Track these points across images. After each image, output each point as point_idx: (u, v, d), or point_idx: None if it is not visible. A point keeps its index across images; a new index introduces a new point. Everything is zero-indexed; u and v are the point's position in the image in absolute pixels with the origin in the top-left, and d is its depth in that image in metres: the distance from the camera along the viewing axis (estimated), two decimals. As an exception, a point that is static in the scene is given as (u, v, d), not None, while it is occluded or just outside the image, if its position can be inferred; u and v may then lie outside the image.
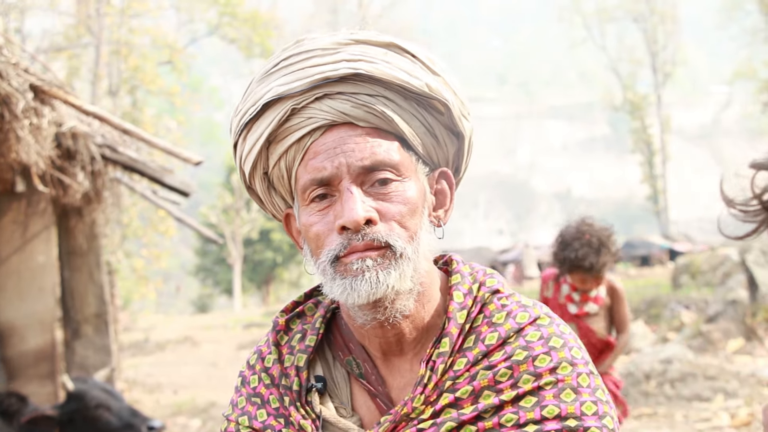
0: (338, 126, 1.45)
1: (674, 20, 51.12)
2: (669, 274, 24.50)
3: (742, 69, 42.45)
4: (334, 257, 1.44)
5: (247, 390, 1.59)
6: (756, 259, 13.80)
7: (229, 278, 40.36)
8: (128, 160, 7.39)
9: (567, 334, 1.49)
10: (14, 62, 5.45)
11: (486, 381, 1.43)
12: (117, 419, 5.26)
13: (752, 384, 9.99)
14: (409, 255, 1.44)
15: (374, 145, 1.45)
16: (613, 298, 5.29)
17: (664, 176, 49.47)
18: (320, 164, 1.44)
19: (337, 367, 1.57)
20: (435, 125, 1.52)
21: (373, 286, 1.41)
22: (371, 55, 1.47)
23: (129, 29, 22.87)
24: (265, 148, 1.50)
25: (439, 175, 1.58)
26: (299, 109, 1.45)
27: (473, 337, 1.48)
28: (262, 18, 29.03)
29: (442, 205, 1.59)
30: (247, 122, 1.50)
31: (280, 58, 1.50)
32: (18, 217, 7.29)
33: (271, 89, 1.47)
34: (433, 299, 1.53)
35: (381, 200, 1.44)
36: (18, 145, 5.64)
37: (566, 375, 1.43)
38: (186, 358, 18.56)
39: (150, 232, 22.08)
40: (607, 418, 1.42)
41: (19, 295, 7.29)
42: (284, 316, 1.63)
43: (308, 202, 1.48)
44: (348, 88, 1.45)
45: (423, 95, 1.48)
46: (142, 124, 20.62)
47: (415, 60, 1.49)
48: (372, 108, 1.45)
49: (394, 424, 1.44)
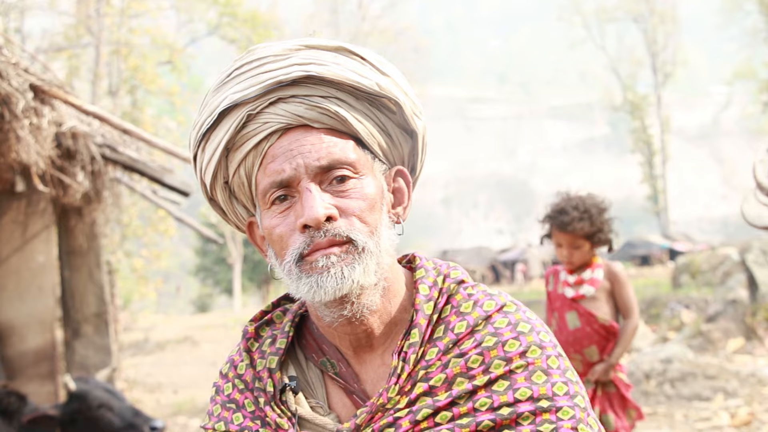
0: (294, 129, 1.49)
1: (674, 20, 51.15)
2: (669, 274, 24.53)
3: (742, 69, 42.49)
4: (299, 256, 1.47)
5: (221, 398, 1.62)
6: (756, 259, 13.80)
7: (229, 278, 40.38)
8: (128, 159, 7.39)
9: (534, 320, 1.54)
10: (14, 62, 5.46)
11: (458, 368, 1.47)
12: (119, 419, 5.26)
13: (752, 383, 9.99)
14: (371, 249, 1.48)
15: (330, 145, 1.49)
16: (613, 281, 5.07)
17: (664, 176, 49.48)
18: (279, 167, 1.48)
19: (310, 368, 1.61)
20: (388, 124, 1.56)
21: (339, 281, 1.45)
22: (321, 59, 1.51)
23: (129, 29, 22.87)
24: (224, 156, 1.53)
25: (395, 173, 1.61)
26: (255, 114, 1.49)
27: (442, 327, 1.52)
28: (262, 18, 29.03)
29: (401, 202, 1.62)
30: (205, 132, 1.53)
31: (234, 68, 1.54)
32: (18, 217, 7.30)
33: (226, 97, 1.50)
34: (399, 294, 1.57)
35: (340, 197, 1.48)
36: (18, 144, 5.65)
37: (536, 358, 1.47)
38: (186, 357, 18.56)
39: (150, 232, 22.08)
40: (578, 397, 1.47)
41: (19, 295, 7.30)
42: (253, 324, 1.66)
43: (269, 205, 1.51)
44: (301, 90, 1.49)
45: (374, 94, 1.52)
46: (142, 124, 20.62)
47: (365, 62, 1.53)
48: (325, 109, 1.49)
49: (371, 415, 1.47)
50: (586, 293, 4.99)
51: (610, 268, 5.06)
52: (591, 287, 4.99)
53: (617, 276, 5.04)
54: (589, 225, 4.88)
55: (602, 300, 5.01)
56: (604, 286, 5.02)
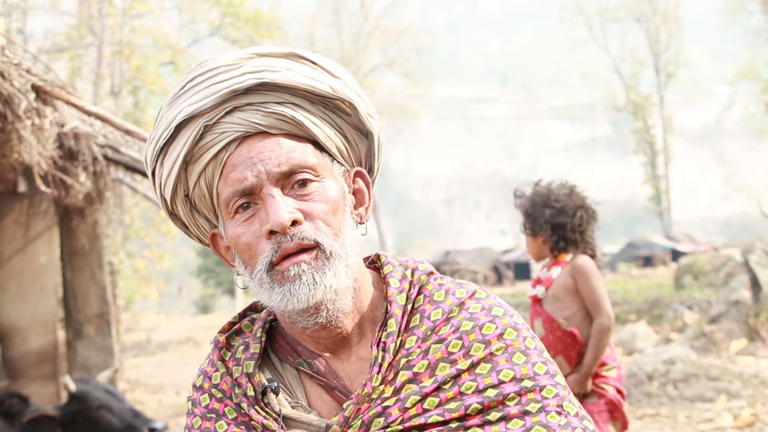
0: (252, 136, 1.49)
1: (677, 20, 51.13)
2: (672, 275, 24.50)
3: (745, 69, 42.48)
4: (269, 264, 1.47)
5: (200, 410, 1.60)
6: (759, 260, 13.78)
7: (231, 279, 40.34)
8: (130, 160, 7.39)
9: (505, 305, 1.58)
10: (16, 63, 5.45)
11: (439, 353, 1.49)
12: (119, 420, 5.27)
13: (755, 385, 9.98)
14: (338, 252, 1.48)
15: (289, 150, 1.49)
16: (576, 276, 4.49)
17: (667, 177, 49.47)
18: (240, 175, 1.47)
19: (286, 369, 1.60)
20: (344, 126, 1.57)
21: (311, 288, 1.45)
22: (274, 65, 1.51)
23: (131, 30, 22.89)
24: (183, 169, 1.52)
25: (354, 174, 1.62)
26: (212, 125, 1.49)
27: (418, 315, 1.55)
28: (264, 19, 29.04)
29: (362, 203, 1.63)
30: (162, 146, 1.52)
31: (186, 80, 1.53)
32: (20, 218, 7.29)
33: (181, 110, 1.50)
34: (368, 293, 1.59)
35: (303, 201, 1.49)
36: (20, 145, 5.65)
37: (513, 339, 1.51)
38: (188, 358, 18.56)
39: (152, 233, 22.08)
40: (558, 376, 1.52)
41: (21, 296, 7.30)
42: (223, 335, 1.66)
43: (233, 215, 1.51)
44: (256, 98, 1.49)
45: (328, 97, 1.53)
46: (144, 124, 20.59)
47: (316, 66, 1.54)
48: (281, 115, 1.49)
49: (358, 406, 1.48)
50: (538, 293, 4.57)
51: (574, 263, 4.53)
52: (541, 287, 4.57)
53: (580, 269, 4.48)
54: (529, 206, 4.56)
55: (566, 301, 4.50)
56: (565, 284, 4.50)
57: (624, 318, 17.19)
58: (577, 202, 4.55)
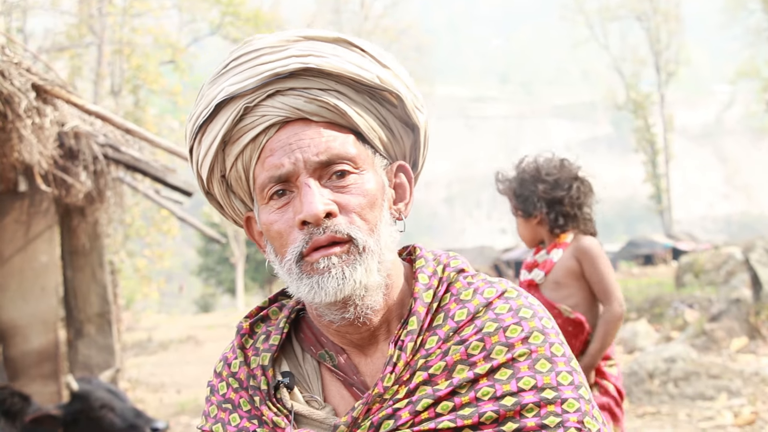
0: (293, 122, 1.45)
1: (677, 19, 51.05)
2: (672, 273, 24.47)
3: (746, 68, 42.45)
4: (299, 255, 1.43)
5: (217, 398, 1.58)
6: (760, 258, 13.78)
7: (231, 277, 40.37)
8: (131, 159, 7.39)
9: (536, 306, 1.50)
10: (16, 62, 5.45)
11: (458, 355, 1.43)
12: (121, 420, 5.27)
13: (756, 383, 9.97)
14: (371, 248, 1.44)
15: (329, 139, 1.45)
16: (581, 259, 4.06)
17: (667, 175, 49.41)
18: (277, 161, 1.44)
19: (306, 361, 1.57)
20: (389, 118, 1.52)
21: (340, 282, 1.41)
22: (320, 50, 1.47)
23: (131, 29, 22.88)
24: (220, 149, 1.49)
25: (397, 168, 1.57)
26: (252, 107, 1.45)
27: (442, 314, 1.49)
28: (265, 18, 29.04)
29: (402, 198, 1.58)
30: (201, 125, 1.50)
31: (230, 59, 1.50)
32: (21, 217, 7.30)
33: (222, 89, 1.46)
34: (399, 288, 1.54)
35: (340, 193, 1.44)
36: (20, 144, 5.65)
37: (539, 345, 1.43)
38: (189, 357, 18.55)
39: (153, 232, 22.09)
40: (582, 388, 1.43)
41: (22, 295, 7.30)
42: (248, 320, 1.62)
43: (267, 200, 1.47)
44: (299, 83, 1.45)
45: (375, 87, 1.48)
46: (145, 123, 20.62)
47: (365, 54, 1.50)
48: (324, 102, 1.45)
49: (367, 406, 1.43)
50: (535, 278, 4.14)
51: (578, 245, 4.09)
52: (540, 271, 4.13)
53: (585, 252, 4.05)
54: (517, 185, 4.14)
55: (570, 286, 4.08)
56: (569, 268, 4.07)
57: (625, 316, 17.17)
58: (570, 173, 4.10)
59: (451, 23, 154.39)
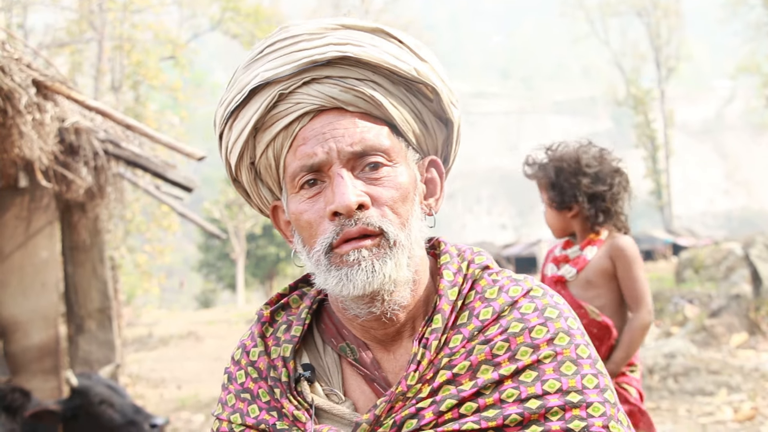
0: (327, 111, 1.43)
1: (678, 15, 51.01)
2: (672, 269, 24.47)
3: (746, 63, 42.37)
4: (329, 246, 1.41)
5: (235, 386, 1.56)
6: (759, 254, 13.79)
7: (232, 273, 40.39)
8: (131, 155, 7.39)
9: (561, 305, 1.48)
10: (17, 57, 5.45)
11: (483, 355, 1.41)
12: (120, 416, 5.28)
13: (755, 378, 9.99)
14: (402, 242, 1.42)
15: (364, 130, 1.43)
16: (615, 259, 3.83)
17: (668, 171, 49.42)
18: (310, 150, 1.42)
19: (327, 353, 1.54)
20: (424, 112, 1.50)
21: (369, 275, 1.39)
22: (358, 39, 1.45)
23: (131, 25, 22.82)
24: (252, 136, 1.47)
25: (429, 163, 1.55)
26: (287, 94, 1.43)
27: (467, 313, 1.47)
28: (265, 13, 28.99)
29: (433, 193, 1.56)
30: (233, 110, 1.47)
31: (266, 44, 1.48)
32: (21, 213, 7.30)
33: (257, 75, 1.44)
34: (425, 284, 1.52)
35: (372, 185, 1.42)
36: (21, 140, 5.65)
37: (564, 346, 1.41)
38: (189, 353, 18.57)
39: (153, 228, 22.04)
40: (608, 391, 1.41)
41: (22, 291, 7.30)
42: (269, 308, 1.60)
43: (298, 190, 1.45)
44: (336, 72, 1.43)
45: (411, 80, 1.46)
46: (145, 119, 20.58)
47: (402, 45, 1.48)
48: (360, 92, 1.43)
49: (390, 404, 1.41)
50: (565, 275, 3.90)
51: (614, 243, 3.87)
52: (572, 268, 3.89)
53: (621, 252, 3.83)
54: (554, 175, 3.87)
55: (601, 287, 3.85)
56: (603, 268, 3.85)
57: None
58: (611, 166, 3.89)
59: (452, 19, 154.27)
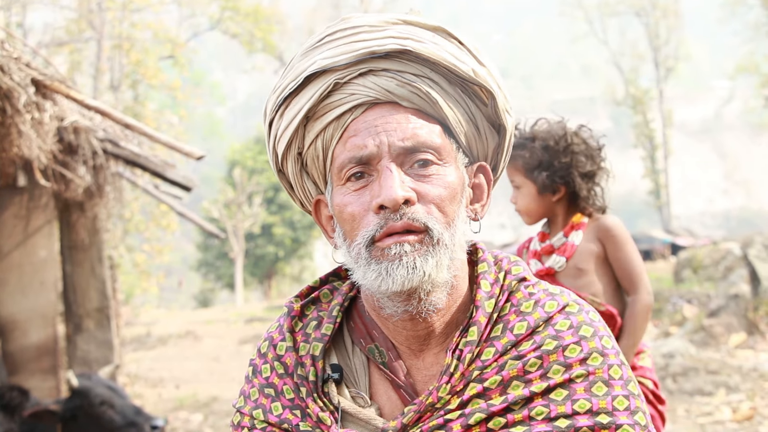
0: (380, 105, 1.42)
1: (676, 15, 51.01)
2: (671, 269, 24.47)
3: (745, 64, 42.37)
4: (371, 239, 1.39)
5: (259, 380, 1.53)
6: (758, 254, 13.79)
7: (230, 273, 40.35)
8: (130, 154, 7.39)
9: (597, 322, 1.46)
10: (16, 56, 5.45)
11: (515, 371, 1.39)
12: (120, 417, 5.27)
13: (754, 378, 9.99)
14: (446, 242, 1.40)
15: (416, 126, 1.41)
16: (604, 241, 3.50)
17: (666, 171, 49.40)
18: (361, 142, 1.40)
19: (356, 354, 1.52)
20: (477, 115, 1.48)
21: (410, 271, 1.37)
22: (419, 35, 1.44)
23: (131, 24, 22.82)
24: (302, 125, 1.46)
25: (477, 168, 1.53)
26: (342, 84, 1.42)
27: (501, 326, 1.44)
28: (264, 13, 29.03)
29: (479, 199, 1.54)
30: (286, 97, 1.46)
31: (326, 33, 1.47)
32: (20, 212, 7.29)
33: (314, 62, 1.43)
34: (462, 291, 1.49)
35: (421, 182, 1.40)
36: (20, 139, 5.65)
37: (597, 367, 1.39)
38: (188, 352, 18.55)
39: (152, 227, 22.03)
40: (639, 413, 1.39)
41: (21, 290, 7.30)
42: (299, 301, 1.57)
43: (344, 182, 1.43)
44: (394, 65, 1.42)
45: (469, 80, 1.44)
46: (144, 118, 20.56)
47: (462, 47, 1.46)
48: (417, 88, 1.41)
49: (419, 414, 1.39)
50: (554, 266, 3.52)
51: (600, 224, 3.53)
52: (561, 257, 3.52)
53: (610, 232, 3.50)
54: (528, 154, 3.49)
55: (592, 273, 3.51)
56: (592, 251, 3.51)
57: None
58: (595, 143, 3.59)
59: (452, 18, 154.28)
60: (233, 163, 39.08)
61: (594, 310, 1.50)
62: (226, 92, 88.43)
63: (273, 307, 28.14)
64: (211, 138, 69.94)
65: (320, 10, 49.32)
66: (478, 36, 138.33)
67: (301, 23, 50.00)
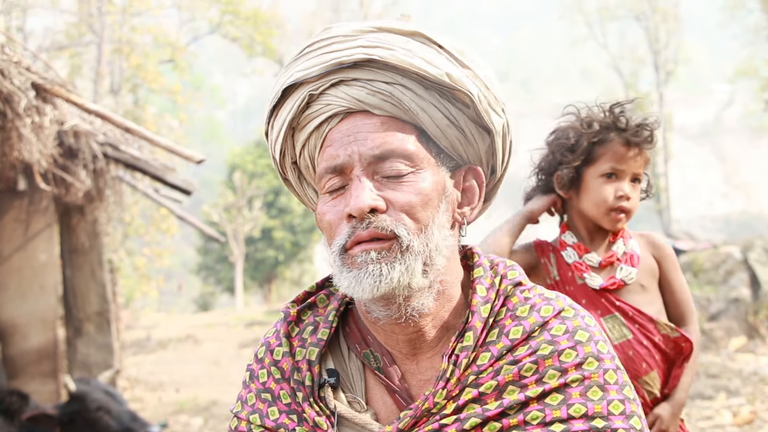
0: (355, 114, 1.43)
1: (676, 18, 51.02)
2: (671, 273, 24.47)
3: (744, 67, 42.42)
4: (342, 248, 1.41)
5: (256, 385, 1.54)
6: (758, 258, 13.79)
7: (230, 276, 40.33)
8: (130, 158, 7.39)
9: (592, 327, 1.45)
10: (16, 61, 5.46)
11: (510, 376, 1.39)
12: (116, 423, 5.29)
13: (754, 382, 9.98)
14: (416, 248, 1.40)
15: (388, 134, 1.42)
16: (660, 260, 2.95)
17: (666, 174, 49.37)
18: (334, 152, 1.42)
19: (351, 359, 1.53)
20: (461, 118, 1.47)
21: (376, 279, 1.38)
22: (390, 42, 1.43)
23: (131, 27, 22.83)
24: (290, 135, 1.49)
25: (467, 171, 1.53)
26: (317, 95, 1.44)
27: (496, 330, 1.45)
28: (264, 16, 29.02)
29: (469, 202, 1.53)
30: (272, 108, 1.49)
31: (306, 45, 1.49)
32: (20, 216, 7.30)
33: (291, 75, 1.45)
34: (455, 296, 1.49)
35: (391, 189, 1.41)
36: (20, 143, 5.65)
37: (593, 371, 1.39)
38: (188, 356, 18.54)
39: (152, 231, 22.03)
40: (634, 418, 1.39)
41: (21, 294, 7.30)
42: (295, 306, 1.58)
43: (324, 192, 1.46)
44: (364, 74, 1.42)
45: (443, 85, 1.43)
46: (144, 122, 20.57)
47: (441, 50, 1.45)
48: (388, 96, 1.42)
49: (415, 419, 1.40)
50: (625, 278, 2.86)
51: (651, 240, 3.01)
52: (632, 268, 2.88)
53: (665, 251, 2.99)
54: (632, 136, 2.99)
55: (652, 292, 2.92)
56: (653, 268, 2.95)
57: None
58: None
59: (451, 22, 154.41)
60: (233, 167, 39.08)
61: (590, 314, 1.49)
62: (226, 96, 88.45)
63: (273, 311, 28.13)
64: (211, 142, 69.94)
65: (320, 14, 49.36)
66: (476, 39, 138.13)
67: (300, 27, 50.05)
